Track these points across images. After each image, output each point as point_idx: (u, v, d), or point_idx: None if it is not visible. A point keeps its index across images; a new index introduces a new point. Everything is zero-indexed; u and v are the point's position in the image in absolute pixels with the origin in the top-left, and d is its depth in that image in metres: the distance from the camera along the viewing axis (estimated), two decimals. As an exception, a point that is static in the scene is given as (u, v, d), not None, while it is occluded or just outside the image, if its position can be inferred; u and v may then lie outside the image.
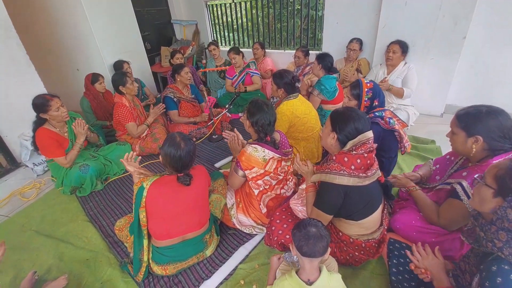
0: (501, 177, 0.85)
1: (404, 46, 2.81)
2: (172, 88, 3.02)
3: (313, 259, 1.01)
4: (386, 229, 1.41)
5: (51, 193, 2.39)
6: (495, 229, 0.86)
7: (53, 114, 2.10)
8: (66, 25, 3.34)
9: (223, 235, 1.77)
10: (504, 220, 0.83)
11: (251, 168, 1.60)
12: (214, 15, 4.93)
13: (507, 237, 0.82)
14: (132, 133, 2.69)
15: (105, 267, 1.62)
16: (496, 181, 0.86)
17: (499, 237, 0.84)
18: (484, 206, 0.90)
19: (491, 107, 1.18)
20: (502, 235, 0.83)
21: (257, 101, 1.66)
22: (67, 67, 3.69)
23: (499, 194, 0.85)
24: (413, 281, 1.21)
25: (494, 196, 0.86)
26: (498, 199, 0.86)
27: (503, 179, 0.84)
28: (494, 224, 0.87)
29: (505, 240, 0.82)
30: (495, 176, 0.86)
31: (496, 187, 0.86)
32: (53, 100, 2.09)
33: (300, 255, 1.02)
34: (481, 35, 2.70)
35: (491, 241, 0.86)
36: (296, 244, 1.02)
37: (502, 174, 0.85)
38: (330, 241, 1.03)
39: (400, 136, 1.81)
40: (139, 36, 3.91)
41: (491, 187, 0.87)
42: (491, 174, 0.88)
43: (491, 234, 0.86)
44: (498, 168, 0.87)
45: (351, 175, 1.17)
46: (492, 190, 0.86)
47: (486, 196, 0.88)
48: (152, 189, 1.32)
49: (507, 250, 0.81)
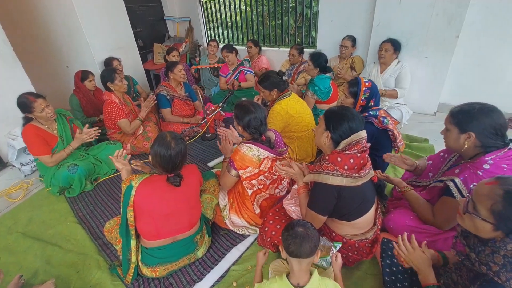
0: (499, 213, 0.76)
1: (396, 44, 2.81)
2: (165, 85, 2.97)
3: (301, 260, 0.98)
4: (380, 229, 1.40)
5: (39, 194, 2.33)
6: (490, 252, 0.81)
7: (37, 114, 2.06)
8: (55, 21, 3.26)
9: (216, 236, 1.74)
10: (501, 250, 0.79)
11: (245, 168, 1.58)
12: (208, 12, 4.87)
13: (504, 260, 0.77)
14: (125, 130, 2.63)
15: (94, 270, 1.58)
16: (493, 216, 0.78)
17: (495, 260, 0.79)
18: (481, 234, 0.83)
19: (484, 104, 1.18)
20: (498, 258, 0.79)
21: (242, 105, 1.62)
22: (56, 64, 3.59)
23: (500, 229, 0.78)
24: (406, 281, 1.20)
25: (494, 230, 0.79)
26: (499, 232, 0.79)
27: (502, 215, 0.76)
28: (488, 247, 0.82)
29: (502, 264, 0.77)
30: (491, 210, 0.78)
31: (494, 222, 0.78)
32: (37, 101, 2.02)
33: (287, 256, 1.00)
34: (475, 33, 2.71)
35: (486, 264, 0.81)
36: (284, 244, 1.00)
37: (500, 209, 0.76)
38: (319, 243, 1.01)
39: (394, 135, 1.80)
40: (131, 32, 3.84)
41: (488, 222, 0.79)
42: (485, 206, 0.79)
43: (485, 257, 0.81)
44: (492, 200, 0.78)
45: (344, 175, 1.15)
46: (491, 225, 0.79)
47: (484, 229, 0.81)
48: (141, 188, 1.29)
49: (504, 275, 0.76)
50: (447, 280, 1.05)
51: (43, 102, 2.06)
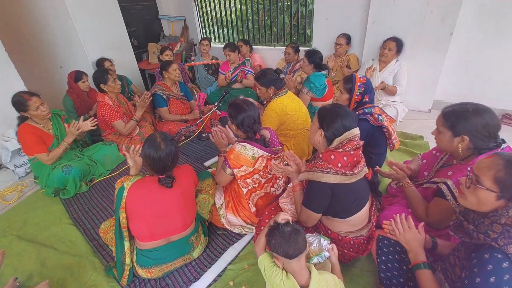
0: (502, 180, 0.80)
1: (399, 44, 2.80)
2: (160, 85, 2.95)
3: (301, 257, 0.99)
4: (375, 226, 1.41)
5: (34, 196, 2.30)
6: (489, 223, 0.84)
7: (32, 113, 2.05)
8: (47, 20, 3.21)
9: (212, 236, 1.74)
10: (502, 217, 0.82)
11: (240, 167, 1.57)
12: (203, 10, 4.84)
13: (502, 229, 0.81)
14: (121, 131, 2.61)
15: (90, 272, 1.56)
16: (497, 184, 0.81)
17: (494, 229, 0.82)
18: (483, 207, 0.86)
19: (477, 105, 1.17)
20: (496, 227, 0.82)
21: (235, 103, 1.62)
22: (49, 64, 3.55)
23: (503, 197, 0.81)
24: (401, 277, 1.21)
25: (497, 199, 0.82)
26: (501, 201, 0.82)
27: (506, 181, 0.79)
28: (487, 218, 0.85)
29: (500, 232, 0.80)
30: (495, 179, 0.81)
31: (498, 190, 0.81)
32: (31, 99, 2.02)
33: (288, 261, 0.98)
34: (469, 31, 2.73)
35: (484, 233, 0.84)
36: (280, 252, 0.98)
37: (503, 176, 0.80)
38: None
39: (389, 132, 1.81)
40: (125, 32, 3.80)
41: (492, 191, 0.82)
42: (488, 176, 0.83)
43: (485, 227, 0.84)
44: (495, 169, 0.82)
45: (338, 173, 1.16)
46: (495, 194, 0.82)
47: (487, 200, 0.84)
48: (133, 189, 1.28)
49: (502, 241, 0.79)
50: (444, 265, 1.06)
51: (38, 100, 2.05)
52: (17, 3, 3.15)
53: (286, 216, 1.04)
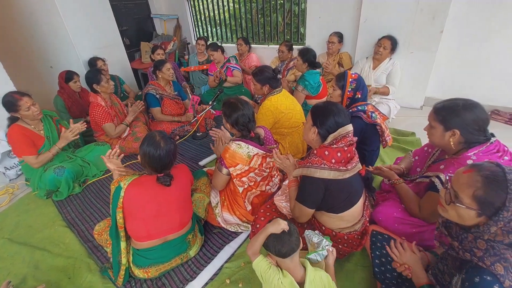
0: (481, 199, 0.78)
1: (394, 42, 2.83)
2: (153, 84, 2.93)
3: (293, 255, 1.00)
4: (369, 221, 1.43)
5: (25, 198, 2.26)
6: (472, 238, 0.82)
7: (23, 113, 2.02)
8: (36, 19, 3.15)
9: (208, 235, 1.74)
10: (485, 234, 0.80)
11: (235, 165, 1.58)
12: (196, 9, 4.81)
13: (487, 245, 0.79)
14: (110, 134, 2.58)
15: (85, 274, 1.55)
16: (476, 202, 0.79)
17: (478, 246, 0.80)
18: (465, 222, 0.85)
19: (467, 100, 1.20)
20: (481, 243, 0.80)
21: (229, 102, 1.63)
22: (39, 64, 3.48)
23: (483, 214, 0.80)
24: (395, 271, 1.23)
25: (478, 216, 0.81)
26: (482, 218, 0.81)
27: (484, 200, 0.78)
28: (471, 233, 0.84)
29: (485, 249, 0.79)
30: (474, 197, 0.79)
31: (478, 209, 0.79)
32: (22, 99, 1.99)
33: (282, 260, 1.00)
34: (458, 28, 2.78)
35: (470, 251, 0.82)
36: (273, 251, 0.99)
37: (482, 195, 0.78)
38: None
39: (382, 130, 1.84)
40: (117, 31, 3.75)
41: (472, 209, 0.80)
42: (467, 194, 0.80)
43: (469, 243, 0.83)
44: (473, 187, 0.79)
45: (332, 169, 1.17)
46: (475, 212, 0.80)
47: (469, 216, 0.82)
48: (130, 189, 1.27)
49: (488, 260, 0.77)
50: (434, 271, 1.08)
51: (29, 100, 2.02)
52: (4, 2, 3.07)
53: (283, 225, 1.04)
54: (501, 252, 0.77)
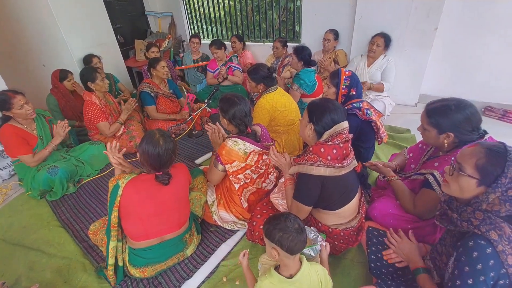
0: (483, 167, 0.83)
1: (387, 40, 2.84)
2: (148, 82, 2.90)
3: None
4: (364, 217, 1.44)
5: (19, 199, 2.23)
6: (471, 210, 0.88)
7: (16, 112, 1.98)
8: (27, 17, 3.08)
9: (205, 233, 1.74)
10: (483, 204, 0.85)
11: (232, 162, 1.57)
12: (191, 6, 4.77)
13: (484, 215, 0.84)
14: (104, 133, 2.55)
15: (80, 274, 1.54)
16: (478, 171, 0.84)
17: (476, 216, 0.85)
18: (465, 194, 0.90)
19: (459, 101, 1.21)
20: (478, 214, 0.85)
21: (226, 97, 1.63)
22: (32, 62, 3.41)
23: (483, 183, 0.85)
24: (391, 267, 1.24)
25: (478, 185, 0.86)
26: (481, 188, 0.86)
27: (486, 168, 0.83)
28: (470, 206, 0.89)
29: (482, 219, 0.84)
30: (476, 166, 0.85)
31: (479, 177, 0.84)
32: (16, 97, 1.95)
33: (287, 256, 0.98)
34: (452, 26, 2.80)
35: (467, 220, 0.87)
36: (285, 247, 0.96)
37: (484, 163, 0.83)
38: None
39: (377, 127, 1.84)
40: (110, 28, 3.70)
41: (474, 177, 0.85)
42: (470, 164, 0.86)
43: (467, 215, 0.88)
44: (476, 157, 0.85)
45: (328, 166, 1.18)
46: (476, 180, 0.85)
47: (469, 186, 0.87)
48: (128, 188, 1.26)
49: (484, 227, 0.82)
50: (433, 254, 1.11)
51: (22, 99, 1.99)
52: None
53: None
54: (496, 222, 0.82)
